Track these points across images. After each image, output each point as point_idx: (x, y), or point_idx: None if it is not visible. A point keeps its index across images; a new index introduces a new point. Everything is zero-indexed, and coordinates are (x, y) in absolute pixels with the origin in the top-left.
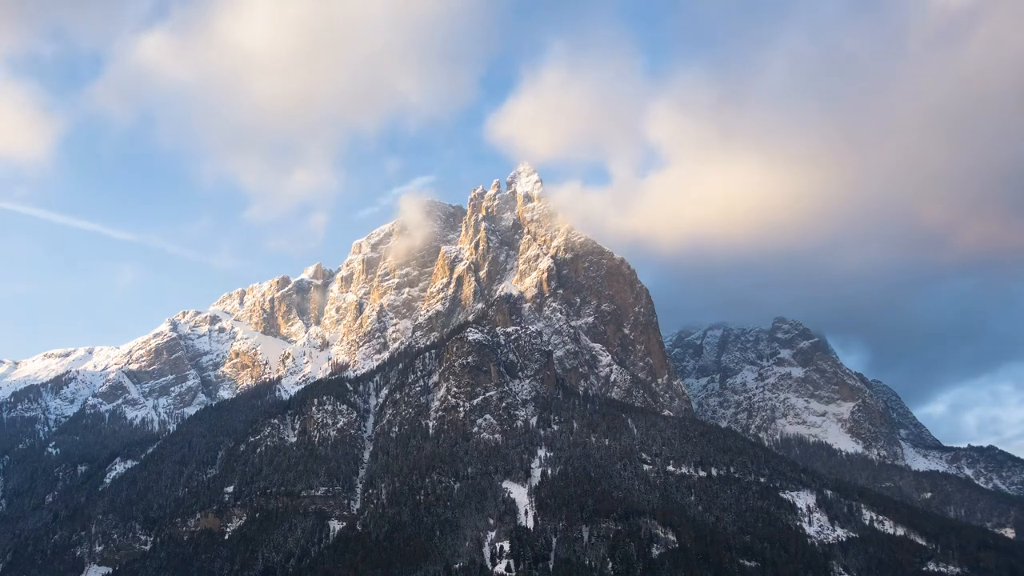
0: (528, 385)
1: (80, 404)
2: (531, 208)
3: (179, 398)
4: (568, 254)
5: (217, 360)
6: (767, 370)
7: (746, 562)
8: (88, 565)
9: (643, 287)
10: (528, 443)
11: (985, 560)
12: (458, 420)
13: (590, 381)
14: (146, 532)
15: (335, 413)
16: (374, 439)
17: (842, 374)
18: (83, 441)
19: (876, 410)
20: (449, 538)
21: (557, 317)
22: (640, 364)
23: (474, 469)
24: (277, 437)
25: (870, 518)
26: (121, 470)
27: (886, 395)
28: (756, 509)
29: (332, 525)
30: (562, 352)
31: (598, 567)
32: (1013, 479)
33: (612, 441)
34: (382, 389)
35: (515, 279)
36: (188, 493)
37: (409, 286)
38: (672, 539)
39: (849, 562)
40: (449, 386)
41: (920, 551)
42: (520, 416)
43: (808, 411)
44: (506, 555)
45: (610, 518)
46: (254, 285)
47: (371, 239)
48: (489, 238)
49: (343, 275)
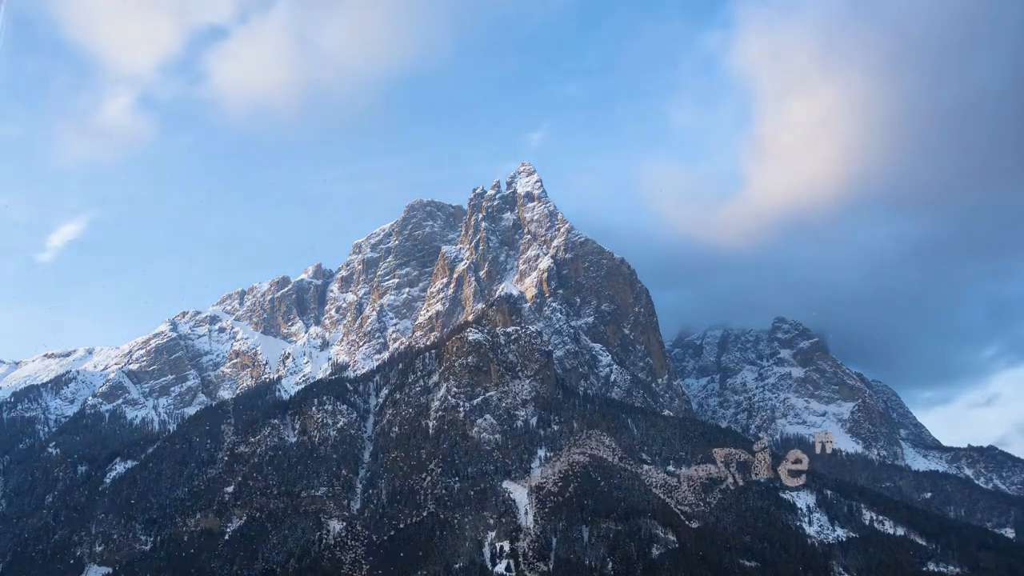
0: (528, 385)
1: (80, 404)
2: (531, 208)
3: (179, 398)
4: (568, 254)
5: (217, 360)
6: (767, 370)
7: (746, 562)
8: (88, 565)
9: (643, 287)
10: (528, 443)
11: (985, 560)
12: (458, 420)
13: (590, 381)
14: (146, 532)
15: (335, 413)
16: (374, 439)
17: (842, 374)
18: (83, 441)
19: (876, 410)
20: (449, 538)
21: (557, 317)
22: (640, 364)
23: (474, 469)
24: (277, 437)
25: (870, 518)
26: (121, 470)
27: (886, 395)
28: (756, 509)
29: (332, 525)
30: (562, 352)
31: (598, 567)
32: (1013, 479)
33: (612, 441)
34: (382, 389)
35: (515, 279)
36: (188, 493)
37: (409, 286)
38: (672, 539)
39: (849, 562)
40: (449, 386)
41: (920, 551)
42: (520, 416)
43: (808, 411)
44: (506, 555)
45: (610, 518)
46: (254, 285)
47: (371, 239)
48: (489, 238)
49: (343, 275)
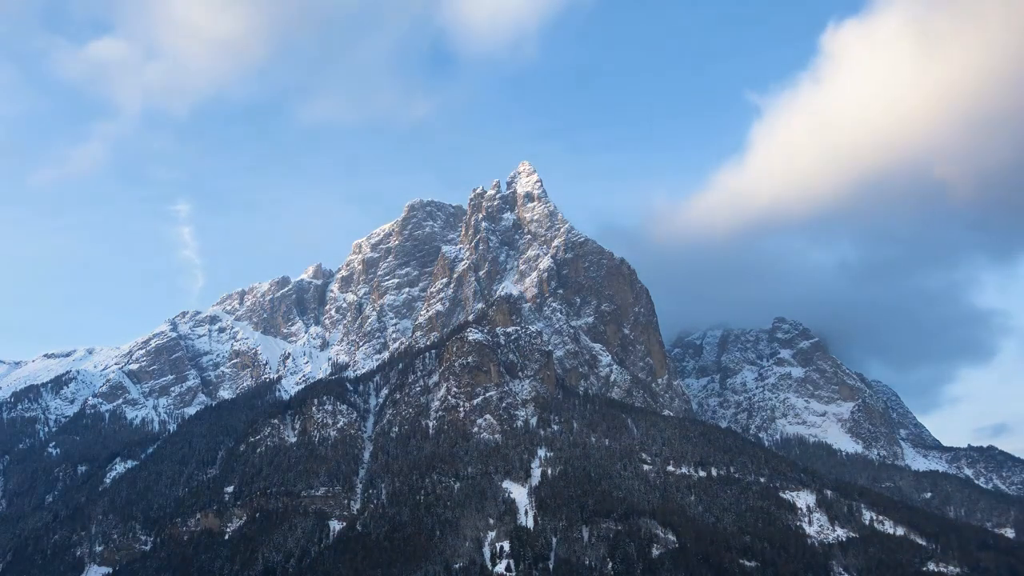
0: (528, 385)
1: (80, 404)
2: (531, 208)
3: (179, 398)
4: (568, 254)
5: (217, 360)
6: (767, 370)
7: (746, 562)
8: (88, 565)
9: (643, 287)
10: (528, 443)
11: (985, 560)
12: (458, 420)
13: (590, 381)
14: (146, 532)
15: (335, 413)
16: (374, 439)
17: (842, 374)
18: (83, 441)
19: (876, 410)
20: (449, 538)
21: (557, 317)
22: (640, 364)
23: (474, 469)
24: (277, 437)
25: (870, 518)
26: (121, 470)
27: (886, 395)
28: (756, 509)
29: (332, 525)
30: (562, 352)
31: (598, 567)
32: (1013, 479)
33: (612, 441)
34: (382, 389)
35: (515, 279)
36: (188, 493)
37: (409, 286)
38: (672, 539)
39: (849, 562)
40: (449, 386)
41: (920, 551)
42: (520, 416)
43: (808, 411)
44: (506, 555)
45: (610, 518)
46: (254, 285)
47: (371, 239)
48: (489, 238)
49: (343, 275)
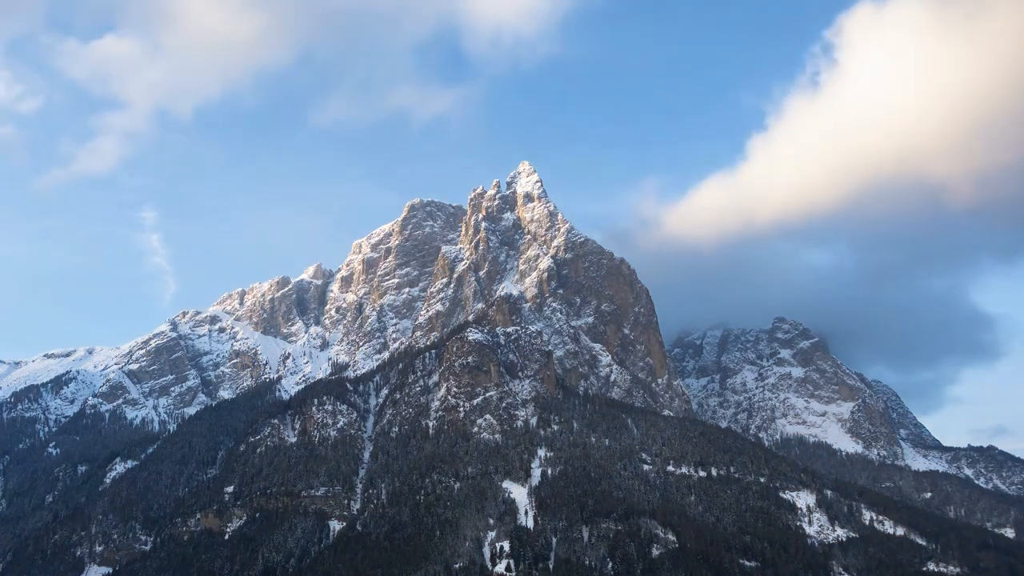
0: (528, 385)
1: (80, 404)
2: (531, 208)
3: (179, 398)
4: (568, 254)
5: (217, 360)
6: (767, 370)
7: (746, 562)
8: (88, 565)
9: (643, 287)
10: (528, 443)
11: (985, 560)
12: (458, 420)
13: (590, 381)
14: (146, 532)
15: (335, 413)
16: (374, 439)
17: (842, 374)
18: (83, 441)
19: (876, 410)
20: (449, 538)
21: (557, 317)
22: (640, 364)
23: (474, 469)
24: (277, 437)
25: (870, 518)
26: (121, 470)
27: (886, 395)
28: (756, 509)
29: (332, 525)
30: (562, 352)
31: (598, 567)
32: (1013, 479)
33: (612, 441)
34: (382, 389)
35: (515, 279)
36: (188, 493)
37: (409, 286)
38: (672, 539)
39: (849, 562)
40: (449, 386)
41: (920, 551)
42: (520, 416)
43: (808, 411)
44: (506, 555)
45: (610, 518)
46: (254, 285)
47: (371, 239)
48: (489, 238)
49: (343, 275)
